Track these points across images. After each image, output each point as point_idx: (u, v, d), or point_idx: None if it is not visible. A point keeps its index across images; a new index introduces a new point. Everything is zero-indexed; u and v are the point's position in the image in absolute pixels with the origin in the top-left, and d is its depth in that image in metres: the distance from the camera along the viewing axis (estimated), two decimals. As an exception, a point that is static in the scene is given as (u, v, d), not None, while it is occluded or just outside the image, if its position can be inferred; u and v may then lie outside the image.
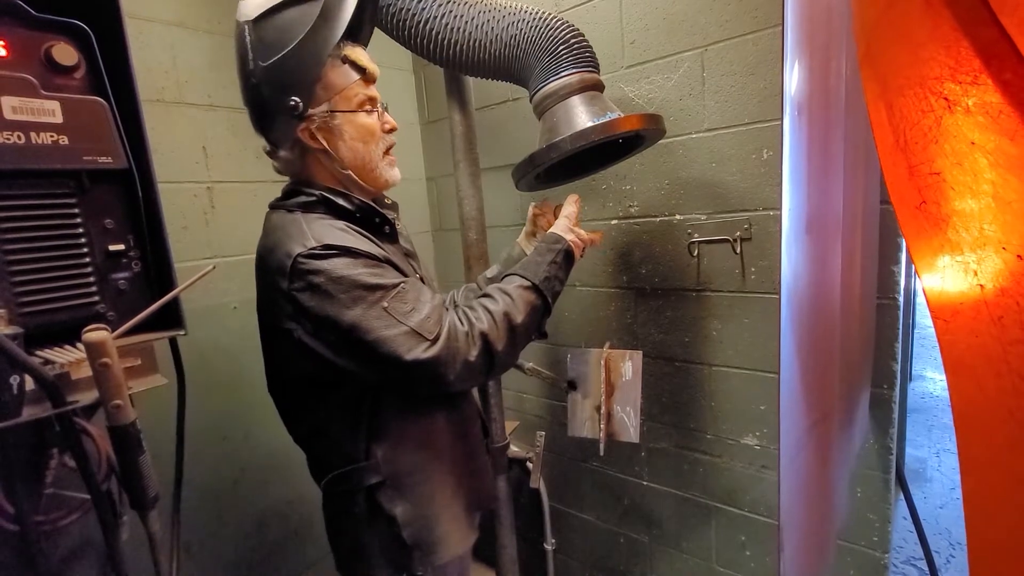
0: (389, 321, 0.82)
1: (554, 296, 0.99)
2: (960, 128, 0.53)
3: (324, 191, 0.92)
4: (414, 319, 0.83)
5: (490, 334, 0.88)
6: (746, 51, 1.26)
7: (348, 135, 0.92)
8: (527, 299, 0.94)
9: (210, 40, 1.47)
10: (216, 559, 1.50)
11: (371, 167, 0.95)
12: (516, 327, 0.91)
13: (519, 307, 0.92)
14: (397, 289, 0.85)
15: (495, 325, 0.89)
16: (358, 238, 0.88)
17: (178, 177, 1.41)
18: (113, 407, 0.73)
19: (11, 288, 0.74)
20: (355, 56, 0.91)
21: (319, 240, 0.82)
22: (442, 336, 0.84)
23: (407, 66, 2.03)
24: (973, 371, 0.54)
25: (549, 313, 0.99)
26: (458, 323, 0.87)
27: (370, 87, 0.94)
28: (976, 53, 0.51)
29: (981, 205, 0.52)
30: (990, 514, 0.56)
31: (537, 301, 0.95)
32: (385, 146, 0.98)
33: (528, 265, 1.00)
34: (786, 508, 0.78)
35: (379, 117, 0.96)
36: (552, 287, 0.99)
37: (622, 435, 1.32)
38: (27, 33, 0.77)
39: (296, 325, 0.85)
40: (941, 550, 2.33)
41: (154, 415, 1.04)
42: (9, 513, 0.87)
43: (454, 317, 0.88)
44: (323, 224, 0.88)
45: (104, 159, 0.82)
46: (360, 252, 0.84)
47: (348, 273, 0.81)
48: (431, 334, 0.83)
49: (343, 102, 0.91)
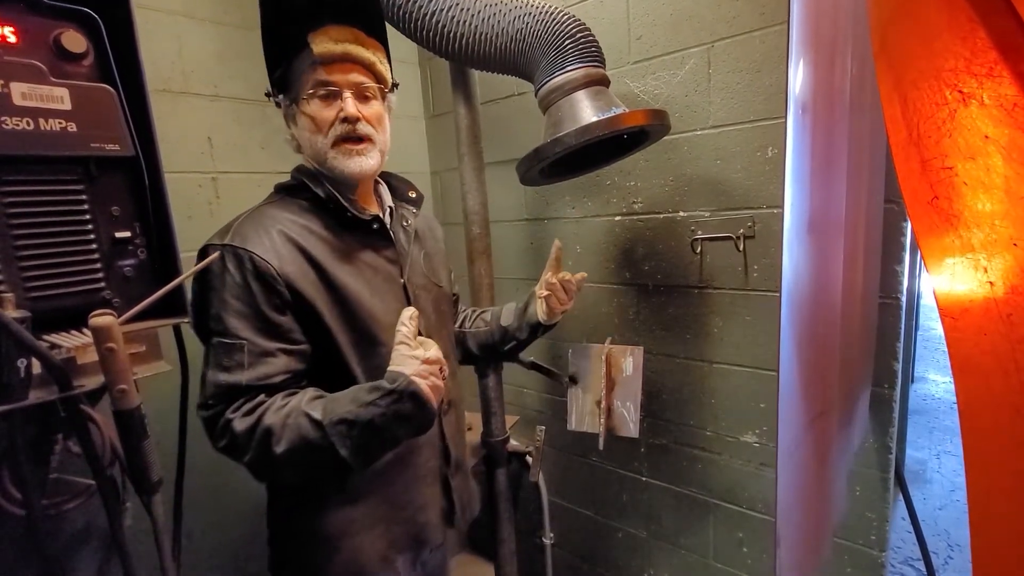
0: (208, 355, 0.85)
1: (358, 448, 0.80)
2: (974, 122, 0.52)
3: (305, 176, 0.93)
4: (215, 375, 0.82)
5: (239, 439, 0.80)
6: (753, 48, 1.25)
7: (300, 124, 0.91)
8: (303, 434, 0.79)
9: (216, 30, 1.47)
10: (217, 546, 1.52)
11: (321, 157, 0.91)
12: (273, 453, 0.79)
13: (287, 437, 0.79)
14: (234, 342, 0.82)
15: (249, 434, 0.80)
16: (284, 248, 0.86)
17: (183, 167, 1.42)
18: (118, 391, 0.74)
19: (19, 273, 0.75)
20: (313, 39, 0.86)
21: (232, 239, 0.85)
22: (213, 410, 0.82)
23: (412, 59, 2.02)
24: (980, 369, 0.53)
25: (342, 465, 0.81)
26: (230, 410, 0.81)
27: (325, 71, 0.87)
28: (992, 44, 0.50)
29: (993, 201, 0.52)
30: (994, 513, 0.56)
31: (316, 442, 0.79)
32: (336, 135, 0.89)
33: (340, 398, 0.83)
34: (783, 504, 0.78)
35: (339, 104, 0.89)
36: (350, 438, 0.79)
37: (622, 430, 1.33)
38: (37, 20, 0.77)
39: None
40: (939, 551, 2.33)
41: (157, 403, 1.05)
42: (15, 498, 0.88)
43: (241, 402, 0.82)
44: (264, 220, 0.88)
45: (112, 147, 0.82)
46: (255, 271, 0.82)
47: (217, 288, 0.84)
48: (210, 399, 0.82)
49: (301, 89, 0.90)
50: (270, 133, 1.57)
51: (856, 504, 1.30)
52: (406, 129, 2.01)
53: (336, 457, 0.80)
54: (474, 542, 2.20)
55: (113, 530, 0.95)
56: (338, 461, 0.80)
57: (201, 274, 0.83)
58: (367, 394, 0.81)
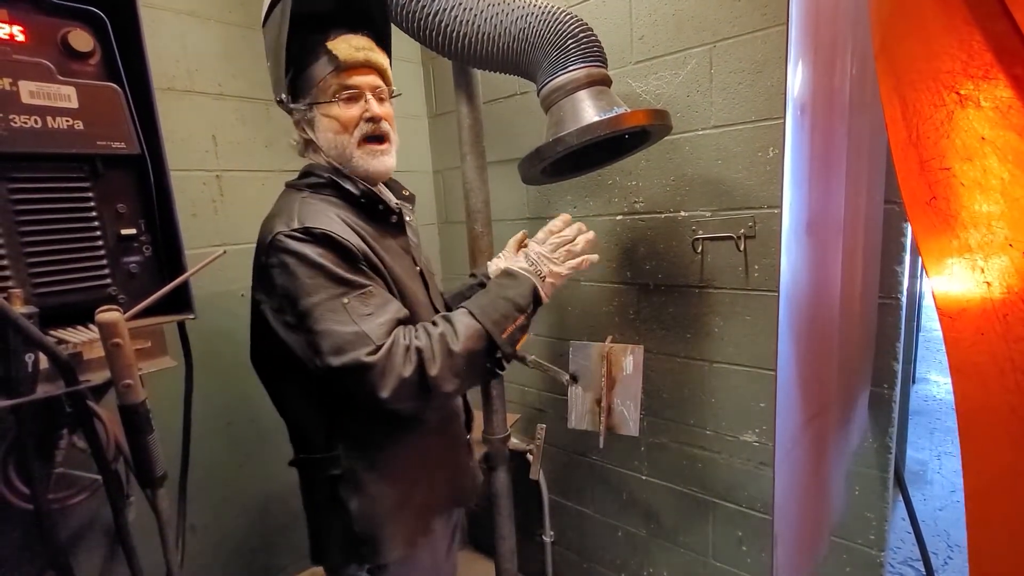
0: (343, 317, 0.81)
1: (505, 333, 0.91)
2: (971, 123, 0.53)
3: (333, 174, 0.95)
4: (369, 323, 0.82)
5: (424, 352, 0.83)
6: (754, 48, 1.26)
7: (323, 126, 0.95)
8: (468, 327, 0.88)
9: (221, 29, 1.48)
10: (220, 540, 1.53)
11: (346, 157, 0.96)
12: (454, 353, 0.85)
13: (459, 334, 0.87)
14: (364, 290, 0.84)
15: (431, 345, 0.84)
16: (346, 229, 0.88)
17: (188, 165, 1.43)
18: (124, 386, 0.75)
19: (26, 269, 0.76)
20: (333, 45, 0.91)
21: (302, 222, 0.84)
22: (386, 346, 0.81)
23: (415, 58, 2.03)
24: (978, 369, 0.54)
25: (498, 349, 0.91)
26: (402, 338, 0.84)
27: (347, 76, 0.93)
28: (989, 47, 0.51)
29: (990, 202, 0.52)
30: (991, 512, 0.56)
31: (480, 331, 0.89)
32: (361, 135, 0.95)
33: (480, 300, 0.94)
34: (780, 502, 0.79)
35: (363, 105, 0.94)
36: (501, 326, 0.90)
37: (622, 429, 1.34)
38: (45, 19, 0.78)
39: (264, 298, 0.89)
40: (939, 552, 2.33)
41: (162, 400, 1.06)
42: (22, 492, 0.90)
43: (402, 332, 0.85)
44: (319, 208, 0.90)
45: (118, 144, 0.83)
46: (338, 242, 0.84)
47: (319, 260, 0.82)
48: (379, 340, 0.81)
49: (320, 93, 0.93)
50: (274, 132, 1.58)
51: (855, 504, 1.31)
52: (409, 128, 2.02)
53: (492, 345, 0.89)
54: (475, 539, 2.21)
55: (118, 524, 0.96)
56: (493, 348, 0.90)
57: (296, 259, 0.82)
58: (500, 291, 0.95)
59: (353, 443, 0.94)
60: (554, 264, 1.00)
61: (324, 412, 0.94)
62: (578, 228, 1.05)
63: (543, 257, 1.00)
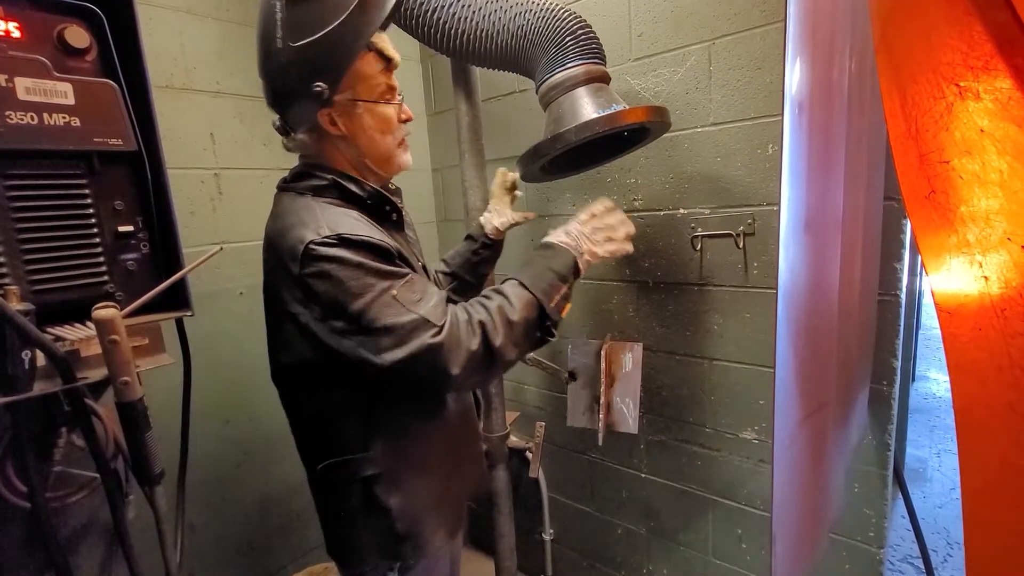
0: (399, 309, 0.82)
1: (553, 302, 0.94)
2: (970, 115, 0.52)
3: (337, 175, 0.92)
4: (423, 307, 0.83)
5: (487, 324, 0.86)
6: (753, 45, 1.25)
7: (367, 124, 0.93)
8: (522, 297, 0.91)
9: (218, 27, 1.47)
10: (219, 539, 1.53)
11: (387, 156, 0.97)
12: (513, 322, 0.88)
13: (514, 304, 0.89)
14: (407, 279, 0.85)
15: (491, 317, 0.87)
16: (370, 227, 0.88)
17: (186, 163, 1.43)
18: (121, 383, 0.74)
19: (23, 266, 0.76)
20: (382, 44, 0.90)
21: (332, 228, 0.82)
22: (447, 323, 0.83)
23: (414, 56, 2.03)
24: (975, 364, 0.54)
25: (548, 318, 0.94)
26: (459, 312, 0.86)
27: (391, 76, 0.94)
28: (989, 37, 0.50)
29: (988, 195, 0.52)
30: (989, 508, 0.56)
31: (532, 300, 0.92)
32: (401, 135, 0.99)
33: (526, 271, 0.96)
34: (778, 499, 0.79)
35: (398, 106, 0.97)
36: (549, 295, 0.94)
37: (621, 426, 1.34)
38: (41, 15, 0.78)
39: (304, 310, 0.85)
40: (939, 549, 2.33)
41: (160, 398, 1.06)
42: (20, 491, 0.89)
43: (457, 309, 0.87)
44: (335, 211, 0.88)
45: (114, 141, 0.83)
46: (371, 243, 0.84)
47: (360, 261, 0.82)
48: (438, 320, 0.82)
49: (366, 91, 0.91)
50: (272, 130, 1.57)
51: (855, 501, 1.31)
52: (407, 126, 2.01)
53: (544, 314, 0.91)
54: (474, 537, 2.21)
55: (116, 522, 0.96)
56: (544, 317, 0.92)
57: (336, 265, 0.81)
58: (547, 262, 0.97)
59: (390, 441, 0.94)
60: (594, 244, 1.01)
61: (361, 413, 0.93)
62: (621, 218, 1.05)
63: (583, 236, 1.01)
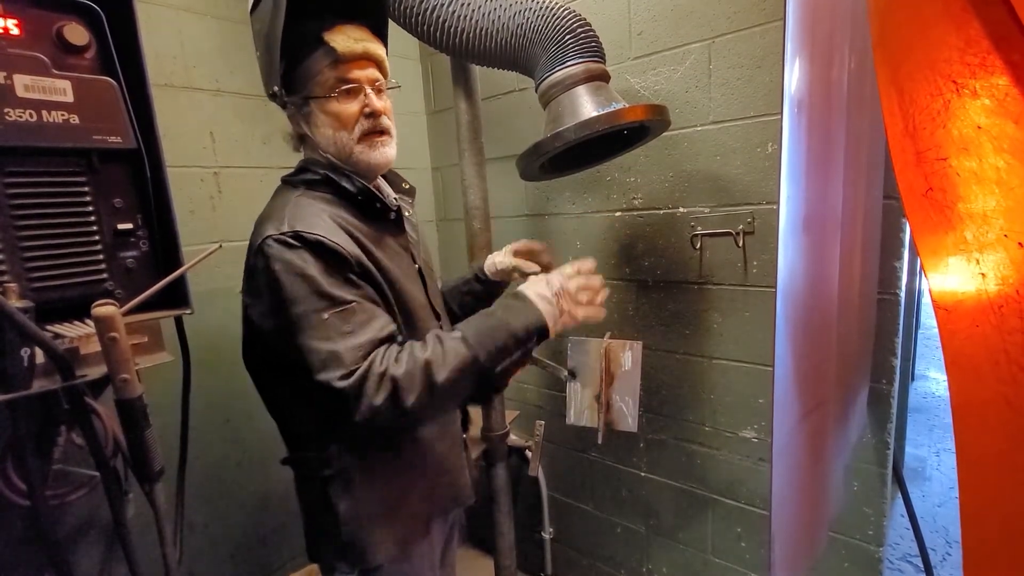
0: (324, 333, 0.79)
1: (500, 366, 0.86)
2: (967, 112, 0.52)
3: (329, 171, 0.92)
4: (344, 343, 0.79)
5: (400, 381, 0.79)
6: (753, 44, 1.25)
7: (320, 121, 0.91)
8: (459, 356, 0.83)
9: (218, 25, 1.47)
10: (219, 538, 1.53)
11: (346, 153, 0.92)
12: (435, 384, 0.80)
13: (447, 362, 0.82)
14: (346, 307, 0.81)
15: (411, 373, 0.80)
16: (339, 232, 0.85)
17: (185, 161, 1.43)
18: (121, 381, 0.74)
19: (22, 263, 0.76)
20: (330, 38, 0.87)
21: (292, 226, 0.81)
22: (359, 371, 0.78)
23: (414, 55, 2.03)
24: (972, 361, 0.54)
25: (490, 382, 0.87)
26: (378, 363, 0.80)
27: (345, 69, 0.89)
28: (986, 33, 0.50)
29: (985, 192, 0.52)
30: (986, 503, 0.56)
31: (471, 362, 0.83)
32: (362, 130, 0.91)
33: (481, 324, 0.88)
34: (777, 497, 0.79)
35: (361, 99, 0.90)
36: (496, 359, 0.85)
37: (620, 424, 1.33)
38: (39, 12, 0.78)
39: (250, 301, 0.87)
40: (937, 547, 2.34)
41: (159, 396, 1.06)
42: (20, 488, 0.89)
43: (381, 355, 0.81)
44: (312, 208, 0.87)
45: (114, 139, 0.83)
46: (325, 244, 0.82)
47: (305, 270, 0.80)
48: (352, 364, 0.78)
49: (317, 88, 0.89)
50: (272, 128, 1.58)
51: (854, 499, 1.31)
52: (407, 125, 2.01)
53: (486, 380, 0.85)
54: (474, 536, 2.21)
55: (116, 520, 0.96)
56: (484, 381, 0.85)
57: (283, 266, 0.81)
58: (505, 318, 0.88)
59: (347, 443, 0.92)
60: (575, 305, 0.95)
61: (318, 412, 0.91)
62: (602, 280, 1.02)
63: (566, 294, 0.94)
